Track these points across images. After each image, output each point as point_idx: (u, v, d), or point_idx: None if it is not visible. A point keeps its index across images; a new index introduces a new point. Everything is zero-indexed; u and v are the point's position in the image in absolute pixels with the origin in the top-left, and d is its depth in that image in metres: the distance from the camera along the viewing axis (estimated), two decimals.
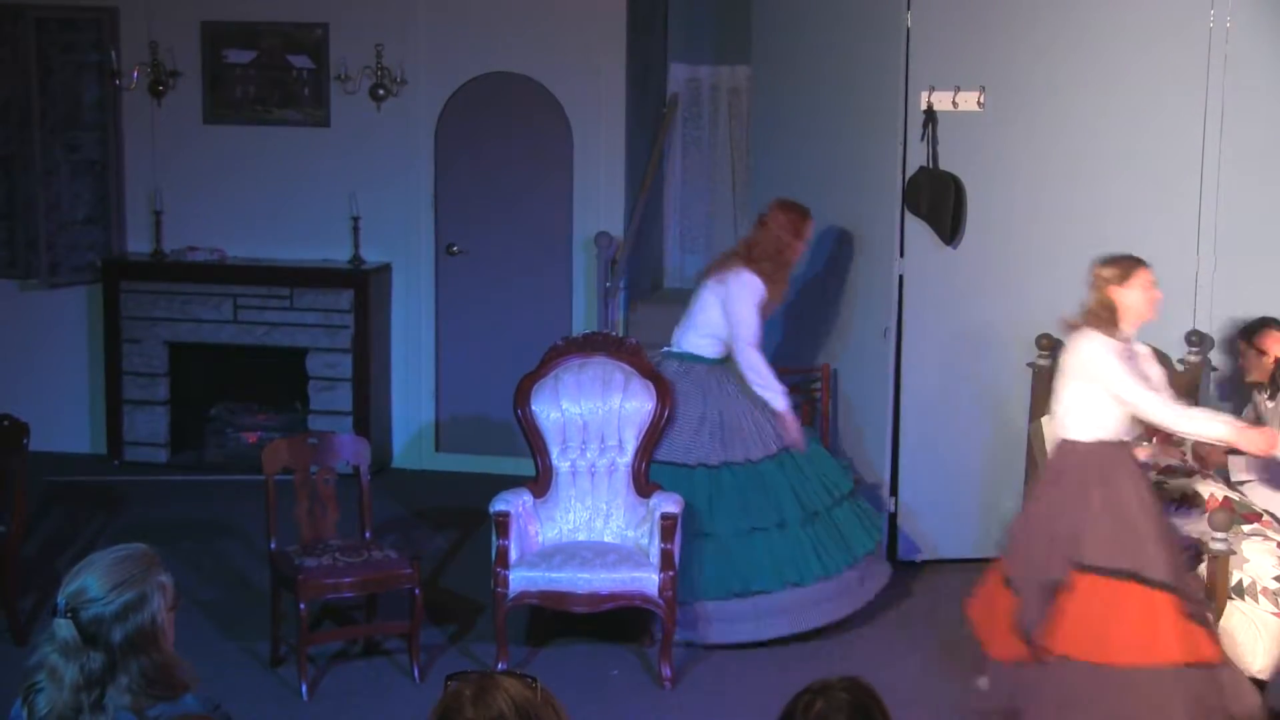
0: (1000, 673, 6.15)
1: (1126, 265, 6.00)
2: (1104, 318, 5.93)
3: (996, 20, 7.97)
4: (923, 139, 7.98)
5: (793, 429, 7.35)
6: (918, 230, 8.05)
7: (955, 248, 8.04)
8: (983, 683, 6.27)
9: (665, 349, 7.56)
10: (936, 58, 7.97)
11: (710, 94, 10.32)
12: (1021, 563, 6.09)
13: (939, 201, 7.96)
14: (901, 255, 8.11)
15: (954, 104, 7.95)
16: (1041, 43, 7.92)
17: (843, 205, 8.35)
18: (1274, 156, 7.78)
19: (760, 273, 7.38)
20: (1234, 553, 6.24)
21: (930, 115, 7.97)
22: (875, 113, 8.15)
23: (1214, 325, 7.81)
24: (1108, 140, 7.89)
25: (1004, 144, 7.97)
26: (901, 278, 8.12)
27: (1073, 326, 6.04)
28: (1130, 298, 5.94)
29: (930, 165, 7.98)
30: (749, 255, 7.45)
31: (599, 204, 9.67)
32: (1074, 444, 6.01)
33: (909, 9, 7.98)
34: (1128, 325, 5.97)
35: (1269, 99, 7.74)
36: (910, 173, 8.02)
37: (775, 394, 7.37)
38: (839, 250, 8.40)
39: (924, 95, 7.97)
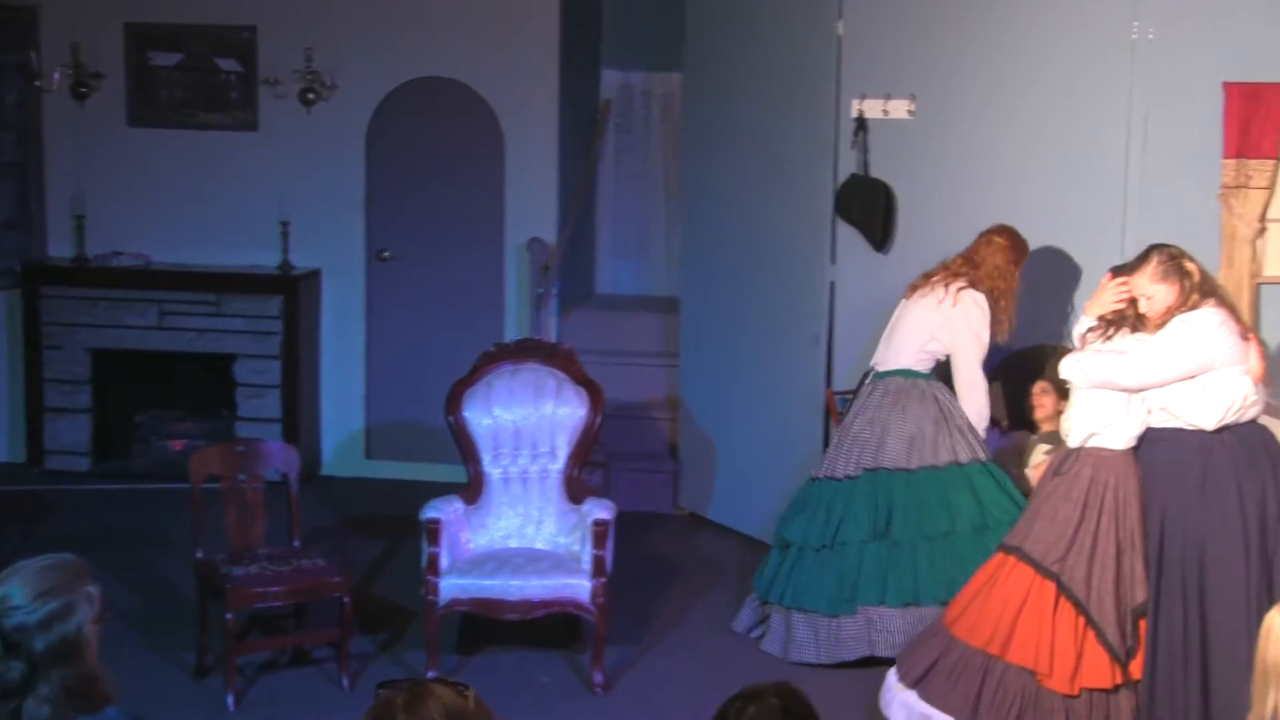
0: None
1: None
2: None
3: (927, 29, 8.01)
4: (854, 146, 8.01)
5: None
6: (849, 237, 8.08)
7: (886, 254, 8.07)
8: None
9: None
10: (867, 66, 8.01)
11: (643, 100, 10.33)
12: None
13: (870, 208, 7.99)
14: (833, 262, 8.14)
15: (885, 112, 7.99)
16: (971, 52, 7.97)
17: (775, 212, 8.38)
18: (1192, 164, 7.87)
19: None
20: None
21: (861, 123, 8.00)
22: (807, 120, 8.17)
23: None
24: (1035, 147, 7.94)
25: (934, 151, 8.01)
26: (833, 284, 8.14)
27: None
28: None
29: (861, 172, 8.01)
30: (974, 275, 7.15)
31: (532, 210, 9.64)
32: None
33: (840, 17, 8.02)
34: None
35: (1187, 109, 7.83)
36: (842, 180, 8.05)
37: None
38: (771, 256, 8.41)
39: (855, 103, 8.00)
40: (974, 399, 7.06)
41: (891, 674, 6.29)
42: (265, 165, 9.72)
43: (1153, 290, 5.91)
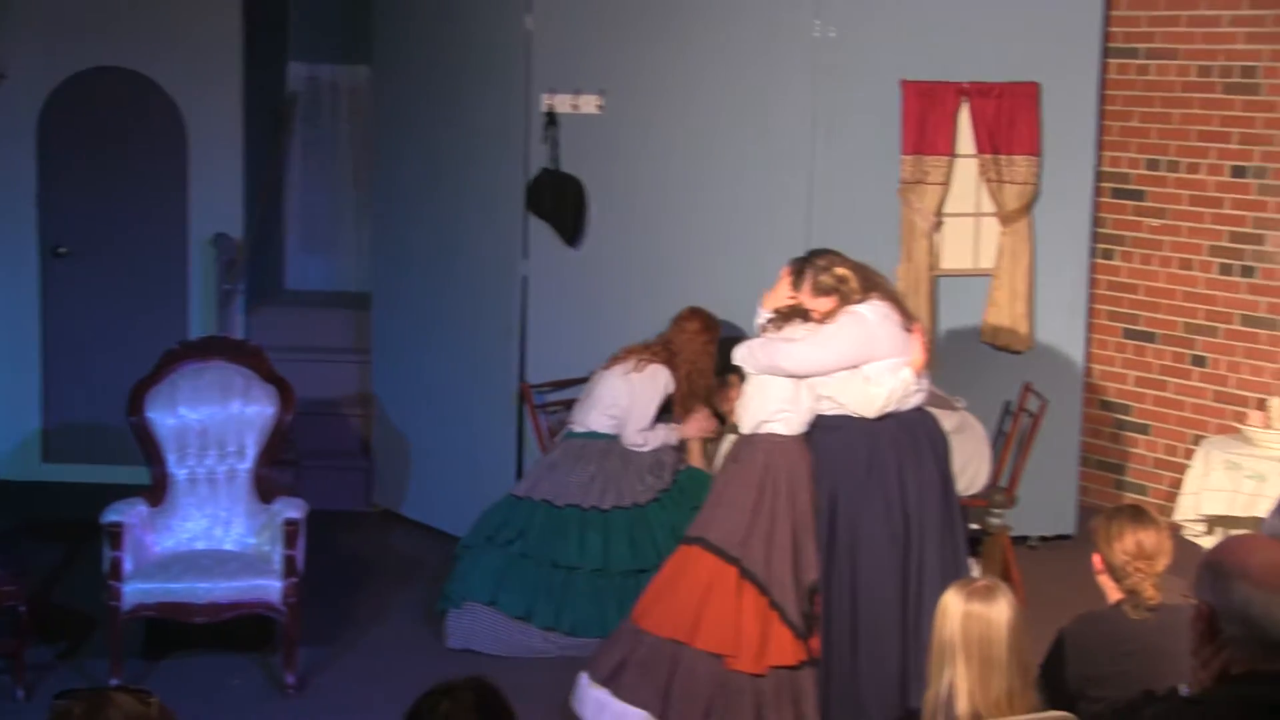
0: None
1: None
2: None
3: (615, 25, 8.09)
4: (544, 141, 8.04)
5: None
6: (541, 231, 8.11)
7: (578, 249, 8.12)
8: None
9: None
10: (557, 61, 8.05)
11: (331, 93, 10.19)
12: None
13: (561, 203, 8.04)
14: (526, 256, 8.15)
15: (574, 106, 8.03)
16: (659, 48, 8.07)
17: (467, 206, 8.36)
18: (871, 160, 8.13)
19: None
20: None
21: (551, 117, 8.04)
22: (497, 114, 8.17)
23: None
24: (723, 142, 8.10)
25: (624, 146, 8.10)
26: (526, 279, 8.16)
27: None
28: None
29: (552, 167, 8.05)
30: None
31: (217, 205, 9.42)
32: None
33: (529, 11, 8.04)
34: None
35: (865, 105, 8.10)
36: (533, 174, 8.07)
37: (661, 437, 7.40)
38: (463, 251, 8.39)
39: (545, 98, 8.03)
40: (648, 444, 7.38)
41: (583, 674, 6.34)
42: None
43: (814, 304, 6.18)
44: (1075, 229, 8.51)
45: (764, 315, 6.33)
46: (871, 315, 6.07)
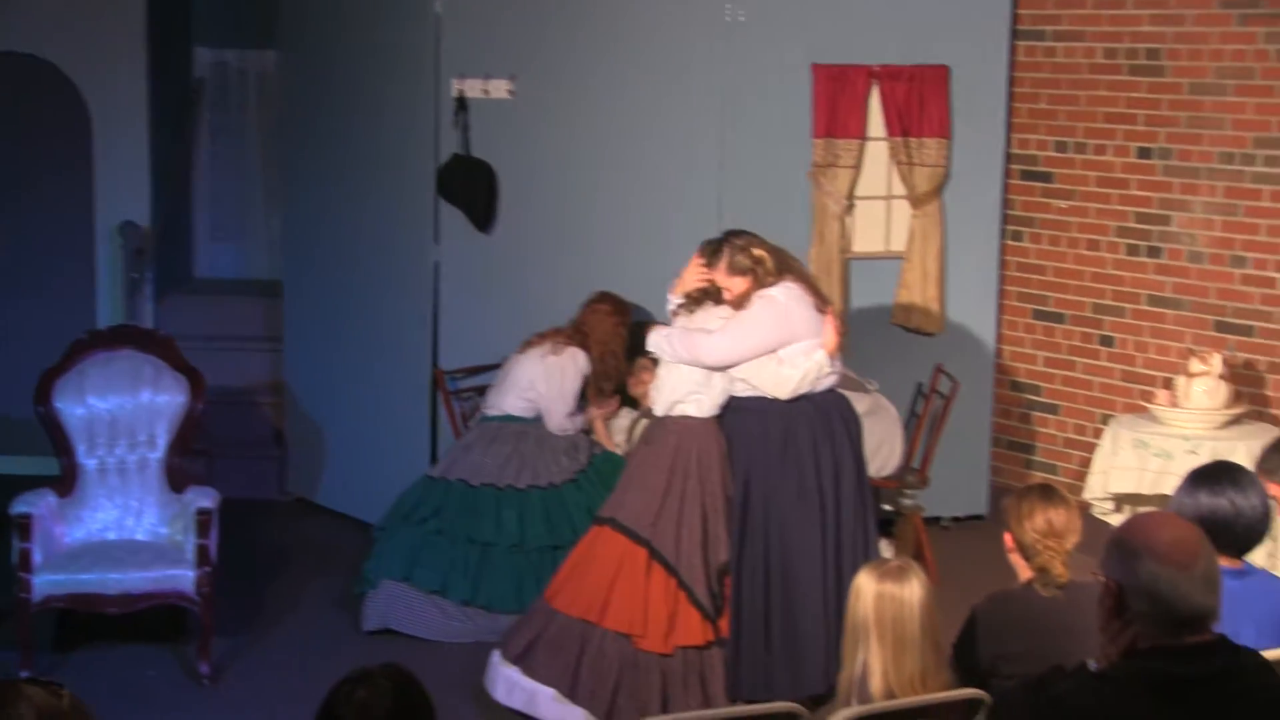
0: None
1: None
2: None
3: (526, 9, 8.07)
4: (455, 126, 8.01)
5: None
6: (453, 217, 8.08)
7: (490, 235, 8.10)
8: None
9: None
10: (467, 45, 8.02)
11: (238, 79, 10.09)
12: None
13: (472, 189, 8.01)
14: (437, 242, 8.12)
15: (485, 91, 8.01)
16: (571, 32, 8.06)
17: (378, 193, 8.31)
18: (781, 142, 8.16)
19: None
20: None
21: (462, 102, 8.00)
22: (407, 99, 8.13)
23: None
24: (634, 127, 8.10)
25: (534, 131, 8.08)
26: (438, 264, 8.13)
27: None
28: None
29: (463, 152, 8.02)
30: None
31: (123, 192, 9.29)
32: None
33: None
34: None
35: (776, 88, 8.13)
36: (444, 160, 8.04)
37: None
38: (375, 238, 8.34)
39: (455, 82, 8.00)
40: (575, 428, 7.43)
41: (496, 653, 6.36)
42: None
43: (729, 283, 6.21)
44: (985, 211, 8.59)
45: (674, 301, 6.34)
46: (784, 298, 6.11)
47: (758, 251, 6.15)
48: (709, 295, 6.27)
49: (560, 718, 6.11)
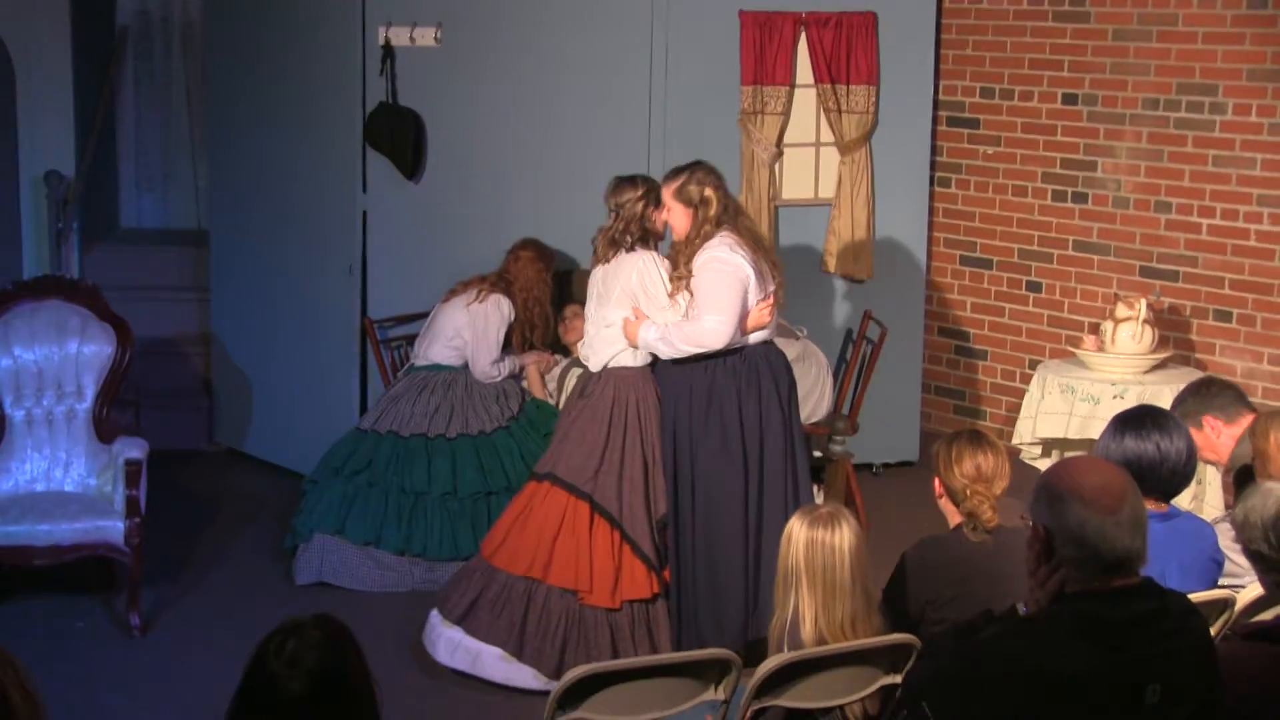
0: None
1: None
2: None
3: None
4: (382, 74, 7.94)
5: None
6: (381, 166, 8.02)
7: (418, 183, 8.05)
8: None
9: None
10: None
11: (163, 27, 9.96)
12: None
13: (399, 137, 7.95)
14: (365, 191, 8.07)
15: (412, 39, 7.94)
16: None
17: (305, 142, 8.24)
18: (712, 92, 8.16)
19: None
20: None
21: (388, 50, 7.93)
22: (333, 48, 8.05)
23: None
24: (563, 74, 8.06)
25: (462, 79, 8.03)
26: (366, 214, 8.08)
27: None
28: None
29: (390, 101, 7.95)
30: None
31: (47, 142, 9.17)
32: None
33: None
34: None
35: (705, 35, 8.12)
36: (371, 108, 7.98)
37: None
38: (302, 187, 8.28)
39: (381, 30, 7.92)
40: (500, 375, 7.44)
41: (434, 613, 6.32)
42: None
43: (670, 204, 6.08)
44: (913, 158, 8.62)
45: (664, 313, 6.13)
46: (728, 257, 6.00)
47: (708, 192, 6.04)
48: (647, 235, 6.19)
49: (507, 677, 6.09)
